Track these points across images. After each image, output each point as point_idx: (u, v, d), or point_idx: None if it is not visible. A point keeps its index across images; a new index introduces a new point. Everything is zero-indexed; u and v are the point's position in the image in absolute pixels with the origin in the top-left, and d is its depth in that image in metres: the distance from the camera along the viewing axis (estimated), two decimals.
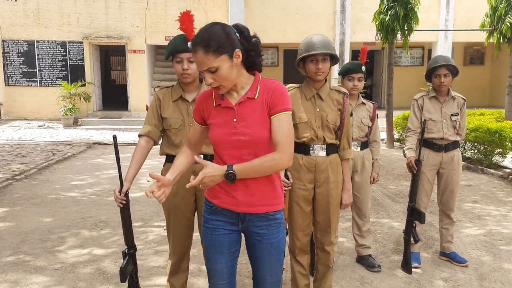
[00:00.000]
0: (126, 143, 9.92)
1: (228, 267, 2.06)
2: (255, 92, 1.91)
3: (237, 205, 1.96)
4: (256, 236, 2.01)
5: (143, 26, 14.20)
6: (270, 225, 2.00)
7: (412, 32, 9.50)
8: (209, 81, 1.82)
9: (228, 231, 2.02)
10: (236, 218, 1.99)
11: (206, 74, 1.82)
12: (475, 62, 17.23)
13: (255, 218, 1.98)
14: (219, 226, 2.02)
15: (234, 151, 1.90)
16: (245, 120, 1.89)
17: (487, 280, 3.48)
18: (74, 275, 3.55)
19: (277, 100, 1.87)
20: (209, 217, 2.04)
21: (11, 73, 14.25)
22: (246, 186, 1.92)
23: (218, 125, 1.92)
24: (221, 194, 1.97)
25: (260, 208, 1.97)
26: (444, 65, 3.56)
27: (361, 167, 3.64)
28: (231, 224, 2.01)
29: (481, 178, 7.06)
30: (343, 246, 4.18)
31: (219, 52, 1.78)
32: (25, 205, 5.52)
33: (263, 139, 1.89)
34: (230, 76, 1.83)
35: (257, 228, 1.99)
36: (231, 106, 1.91)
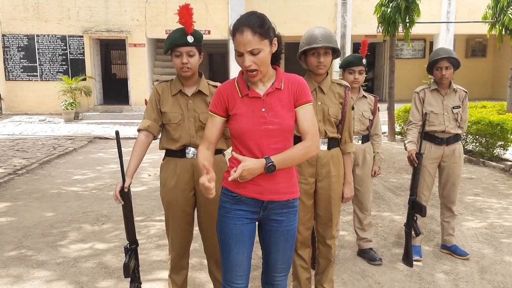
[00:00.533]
0: (127, 137, 9.90)
1: (248, 257, 2.10)
2: (281, 84, 1.98)
3: (263, 193, 1.99)
4: (275, 223, 2.07)
5: (143, 20, 14.15)
6: (289, 213, 2.07)
7: (414, 24, 9.45)
8: (248, 64, 1.85)
9: (250, 221, 2.05)
10: (260, 206, 2.03)
11: (246, 57, 1.85)
12: (477, 54, 17.17)
13: (277, 206, 2.04)
14: (242, 216, 2.03)
15: (262, 140, 1.94)
16: (273, 110, 1.95)
17: (488, 273, 3.49)
18: (76, 270, 3.56)
19: (302, 92, 1.99)
20: (232, 207, 2.03)
21: (11, 67, 14.23)
22: (272, 174, 1.95)
23: (245, 115, 1.95)
24: (247, 184, 1.98)
25: (283, 195, 2.03)
26: (446, 58, 3.53)
27: (362, 160, 3.63)
28: (252, 213, 2.04)
29: (482, 171, 7.06)
30: (344, 240, 4.18)
31: (264, 35, 1.86)
32: (26, 199, 5.54)
33: (290, 128, 1.99)
34: (267, 62, 1.91)
35: (277, 215, 2.05)
36: (260, 96, 1.96)
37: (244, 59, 1.87)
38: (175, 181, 2.62)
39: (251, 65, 1.86)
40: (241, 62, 1.89)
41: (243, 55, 1.87)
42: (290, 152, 1.94)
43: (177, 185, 2.61)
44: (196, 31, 2.54)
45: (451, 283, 3.32)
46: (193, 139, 2.59)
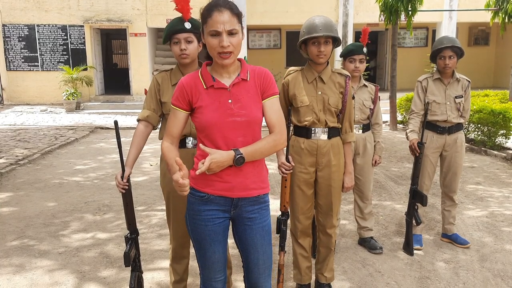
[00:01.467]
0: (128, 127, 9.91)
1: (224, 253, 2.06)
2: (247, 75, 1.94)
3: (232, 190, 1.94)
4: (247, 221, 2.02)
5: (144, 9, 14.05)
6: (261, 208, 2.03)
7: (416, 12, 9.36)
8: (227, 43, 1.79)
9: (222, 219, 2.00)
10: (230, 204, 1.98)
11: (224, 37, 1.79)
12: (479, 42, 17.03)
13: (247, 203, 1.99)
14: (213, 216, 1.97)
15: (229, 133, 1.88)
16: (240, 101, 1.90)
17: (488, 261, 3.50)
18: (78, 259, 3.59)
19: (268, 84, 1.96)
20: (201, 208, 1.97)
21: (12, 58, 14.19)
22: (240, 170, 1.91)
23: (211, 107, 1.88)
24: (214, 182, 1.92)
25: (253, 191, 1.98)
26: (449, 47, 3.50)
27: (363, 149, 3.63)
28: (223, 212, 1.99)
29: (484, 160, 7.05)
30: (345, 229, 4.19)
31: (239, 19, 1.85)
32: (28, 190, 5.56)
33: (258, 120, 1.93)
34: (240, 46, 1.87)
35: (248, 213, 2.00)
36: (225, 87, 1.90)
37: (222, 39, 1.80)
38: None
39: (229, 45, 1.80)
40: (216, 43, 1.81)
41: (221, 34, 1.80)
42: (259, 144, 1.89)
43: None
44: (194, 18, 2.52)
45: (451, 272, 3.33)
46: (193, 129, 2.59)
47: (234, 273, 3.15)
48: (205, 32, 1.84)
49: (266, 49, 16.32)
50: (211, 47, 1.83)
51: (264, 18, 14.28)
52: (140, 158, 2.70)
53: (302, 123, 2.74)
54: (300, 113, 2.74)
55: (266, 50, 16.28)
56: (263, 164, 2.03)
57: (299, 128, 2.78)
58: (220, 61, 1.84)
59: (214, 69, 1.94)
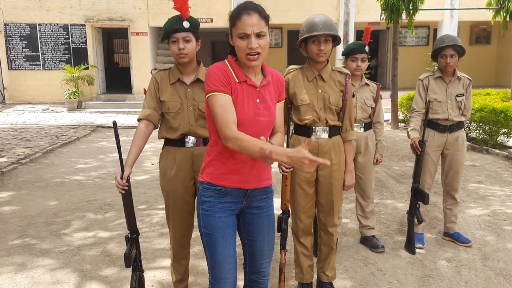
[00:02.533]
0: (130, 126, 9.92)
1: (234, 249, 2.08)
2: (270, 78, 2.02)
3: (248, 182, 2.02)
4: (256, 210, 2.11)
5: (146, 8, 14.05)
6: (268, 198, 2.14)
7: (417, 11, 9.35)
8: (256, 45, 1.84)
9: (232, 212, 2.06)
10: (243, 196, 2.04)
11: (252, 39, 1.83)
12: (481, 41, 16.99)
13: (258, 193, 2.08)
14: (226, 208, 2.02)
15: (253, 131, 1.90)
16: (266, 102, 1.97)
17: (490, 260, 3.49)
18: (80, 258, 3.59)
19: (283, 89, 2.08)
20: (217, 201, 2.01)
21: (14, 57, 14.21)
22: (254, 163, 1.99)
23: (243, 102, 1.92)
24: (230, 175, 1.99)
25: (264, 182, 2.09)
26: (451, 45, 3.50)
27: (364, 148, 3.62)
28: (236, 204, 2.05)
29: (486, 159, 7.03)
30: (346, 227, 4.19)
31: (267, 22, 1.90)
32: (30, 188, 5.57)
33: (274, 122, 2.04)
34: (267, 48, 1.92)
35: (257, 202, 2.10)
36: (256, 85, 1.95)
37: (251, 41, 1.84)
38: (175, 170, 2.62)
39: (258, 47, 1.85)
40: (245, 45, 1.85)
41: (249, 37, 1.84)
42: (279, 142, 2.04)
43: (177, 174, 2.60)
44: (192, 17, 2.51)
45: (453, 270, 3.33)
46: (192, 128, 2.58)
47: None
48: (234, 34, 1.87)
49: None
50: (240, 49, 1.87)
51: None
52: (141, 157, 2.70)
53: (303, 122, 2.74)
54: (300, 111, 2.73)
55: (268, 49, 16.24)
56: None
57: (300, 127, 2.78)
58: (248, 62, 1.88)
59: (242, 66, 1.97)
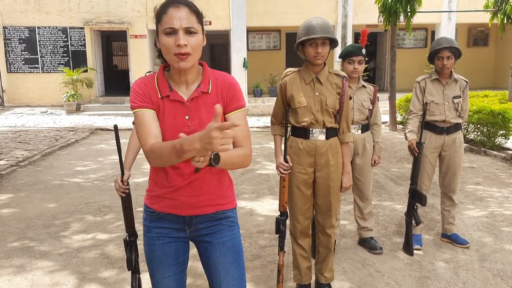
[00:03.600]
0: (129, 128, 9.92)
1: (177, 280, 1.84)
2: (208, 86, 1.67)
3: (181, 208, 1.72)
4: (206, 238, 1.78)
5: (144, 11, 14.07)
6: (221, 224, 1.78)
7: (415, 13, 9.39)
8: (184, 42, 1.54)
9: (174, 239, 1.78)
10: (182, 222, 1.76)
11: (181, 34, 1.54)
12: (479, 43, 17.05)
13: (203, 220, 1.76)
14: (163, 234, 1.77)
15: None
16: (199, 118, 1.65)
17: (488, 261, 3.50)
18: (79, 260, 3.60)
19: (233, 96, 1.68)
20: (151, 225, 1.79)
21: (13, 60, 14.22)
22: (190, 186, 1.69)
23: (166, 120, 1.65)
24: (163, 198, 1.73)
25: (207, 208, 1.75)
26: (447, 48, 3.52)
27: (362, 150, 3.64)
28: (177, 231, 1.77)
29: (484, 160, 7.06)
30: (345, 229, 4.20)
31: (199, 19, 1.62)
32: (29, 191, 5.57)
33: None
34: (200, 50, 1.63)
35: (206, 229, 1.77)
36: (183, 100, 1.65)
37: (178, 37, 1.54)
38: None
39: (186, 44, 1.55)
40: (172, 42, 1.55)
41: (177, 32, 1.55)
42: (234, 153, 1.59)
43: None
44: None
45: (451, 272, 3.34)
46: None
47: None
48: (160, 32, 1.60)
49: (266, 50, 16.34)
50: (166, 48, 1.57)
51: (264, 20, 14.32)
52: (140, 159, 2.70)
53: (300, 124, 2.76)
54: (298, 114, 2.75)
55: (266, 51, 16.30)
56: (222, 179, 1.77)
57: (297, 129, 2.80)
58: (177, 63, 1.58)
59: (171, 76, 1.68)
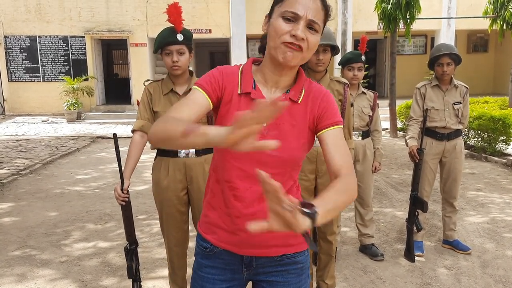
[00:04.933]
0: (129, 136, 9.91)
1: None
2: (300, 95, 1.37)
3: (239, 245, 1.38)
4: (267, 285, 1.44)
5: (145, 20, 14.16)
6: (288, 271, 1.42)
7: (415, 20, 9.44)
8: (301, 36, 1.23)
9: (228, 283, 1.44)
10: (239, 263, 1.42)
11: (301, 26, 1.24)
12: (478, 49, 17.11)
13: (266, 263, 1.41)
14: (215, 276, 1.42)
15: (249, 167, 1.31)
16: (278, 128, 1.33)
17: (490, 267, 3.49)
18: (80, 268, 3.59)
19: (329, 110, 1.37)
20: (203, 262, 1.45)
21: (14, 69, 14.28)
22: (253, 218, 1.23)
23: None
24: (218, 228, 1.40)
25: (272, 249, 1.39)
26: (447, 54, 3.54)
27: (362, 156, 3.64)
28: (232, 272, 1.43)
29: (484, 166, 7.05)
30: (346, 236, 4.20)
31: (326, 19, 1.33)
32: (30, 199, 5.57)
33: (294, 159, 1.36)
34: (313, 51, 1.32)
35: (267, 275, 1.43)
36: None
37: (298, 27, 1.24)
38: (167, 181, 2.61)
39: (303, 39, 1.25)
40: (286, 29, 1.25)
41: (298, 21, 1.24)
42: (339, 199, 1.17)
43: (170, 185, 2.60)
44: (186, 29, 2.55)
45: (453, 278, 3.33)
46: None
47: None
48: (275, 13, 1.29)
49: None
50: (277, 33, 1.26)
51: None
52: (141, 167, 2.71)
53: None
54: None
55: None
56: None
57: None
58: (282, 54, 1.26)
59: (261, 71, 1.38)
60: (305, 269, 1.45)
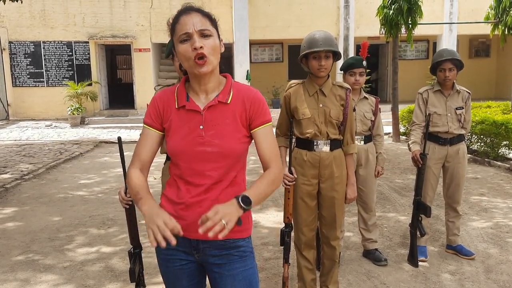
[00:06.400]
0: (133, 141, 9.96)
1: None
2: (228, 96, 1.62)
3: (187, 230, 1.56)
4: (215, 268, 1.66)
5: (148, 25, 14.23)
6: (231, 254, 1.64)
7: (416, 25, 9.46)
8: (199, 44, 1.50)
9: (185, 262, 1.69)
10: (189, 246, 1.65)
11: (196, 37, 1.51)
12: (480, 54, 17.10)
13: (212, 246, 1.63)
14: (173, 256, 1.67)
15: (197, 165, 1.59)
16: (214, 128, 1.59)
17: (493, 273, 3.48)
18: (83, 273, 3.60)
19: (259, 110, 1.63)
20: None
21: (18, 74, 14.35)
22: (200, 206, 1.59)
23: (179, 132, 1.60)
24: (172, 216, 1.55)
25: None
26: (449, 59, 3.55)
27: (365, 161, 3.65)
28: (186, 254, 1.67)
29: (488, 171, 7.04)
30: (349, 241, 4.19)
31: (213, 22, 1.58)
32: (33, 204, 5.59)
33: (233, 153, 1.60)
34: (218, 54, 1.58)
35: (215, 258, 1.65)
36: (199, 109, 1.60)
37: (194, 40, 1.50)
38: None
39: (202, 46, 1.50)
40: (188, 48, 1.51)
41: (192, 36, 1.51)
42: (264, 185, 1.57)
43: None
44: None
45: (456, 283, 3.32)
46: None
47: None
48: (176, 43, 1.56)
49: (269, 63, 16.47)
50: (184, 56, 1.53)
51: (266, 33, 14.44)
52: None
53: (304, 135, 2.78)
54: (302, 125, 2.77)
55: (269, 64, 16.42)
56: None
57: (301, 140, 2.82)
58: (196, 69, 1.53)
59: (191, 86, 1.65)
60: (247, 252, 1.68)
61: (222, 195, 1.60)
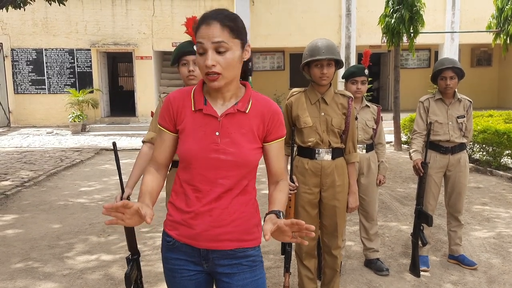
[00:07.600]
0: (134, 148, 9.97)
1: None
2: (247, 106, 1.58)
3: (196, 239, 1.57)
4: (225, 278, 1.62)
5: (150, 33, 14.29)
6: (240, 264, 1.61)
7: (418, 34, 9.47)
8: (211, 62, 1.46)
9: (193, 272, 1.65)
10: (198, 256, 1.61)
11: (209, 53, 1.46)
12: (482, 63, 17.12)
13: (221, 256, 1.60)
14: (181, 267, 1.64)
15: (209, 172, 1.55)
16: (229, 136, 1.55)
17: (496, 283, 3.45)
18: (83, 281, 3.57)
19: (277, 124, 1.62)
20: (168, 255, 1.66)
21: (20, 81, 14.40)
22: (210, 215, 1.55)
23: (194, 135, 1.56)
24: (180, 224, 1.60)
25: (224, 243, 1.58)
26: (450, 68, 3.55)
27: (367, 169, 3.63)
28: (194, 264, 1.63)
29: (490, 180, 7.01)
30: (351, 250, 4.16)
31: (235, 32, 1.49)
32: (34, 211, 5.57)
33: (248, 162, 1.57)
34: (235, 68, 1.52)
35: (224, 268, 1.61)
36: (216, 115, 1.55)
37: (206, 57, 1.46)
38: None
39: (214, 65, 1.46)
40: (202, 62, 1.48)
41: (206, 52, 1.47)
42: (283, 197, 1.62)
43: None
44: None
45: None
46: None
47: None
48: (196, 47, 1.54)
49: (270, 71, 16.52)
50: (200, 67, 1.51)
51: (268, 41, 14.48)
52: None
53: (306, 144, 2.76)
54: (303, 134, 2.76)
55: (270, 72, 16.47)
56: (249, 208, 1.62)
57: (303, 149, 2.80)
58: (208, 83, 1.51)
59: (208, 91, 1.60)
60: (257, 262, 1.64)
61: (232, 203, 1.57)
